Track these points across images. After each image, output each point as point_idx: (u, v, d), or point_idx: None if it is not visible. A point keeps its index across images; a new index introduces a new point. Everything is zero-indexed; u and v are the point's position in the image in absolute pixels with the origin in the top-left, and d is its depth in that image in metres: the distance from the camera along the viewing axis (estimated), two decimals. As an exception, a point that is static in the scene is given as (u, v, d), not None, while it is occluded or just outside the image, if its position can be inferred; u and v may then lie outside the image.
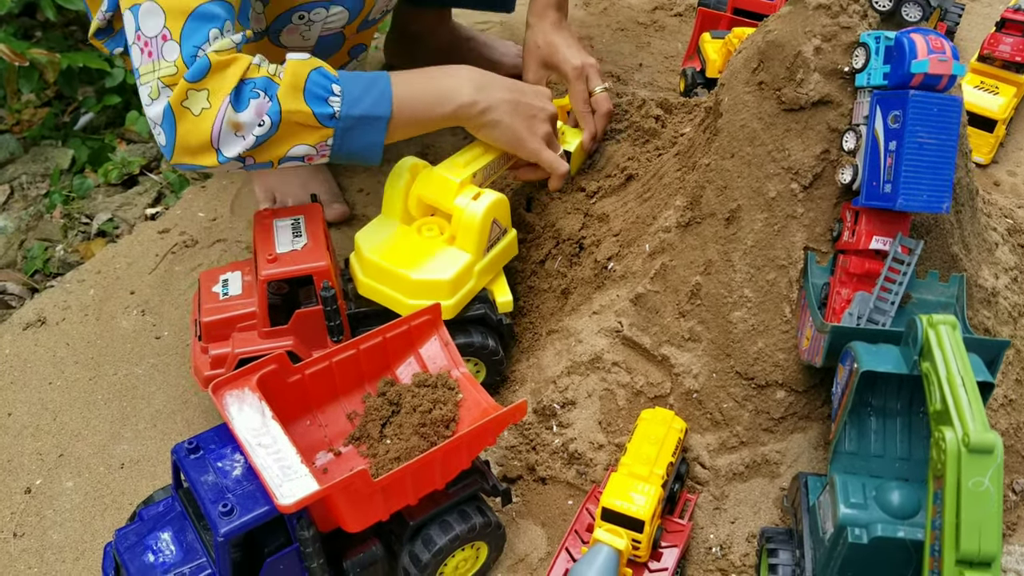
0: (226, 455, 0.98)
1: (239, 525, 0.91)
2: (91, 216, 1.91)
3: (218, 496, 0.93)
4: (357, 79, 1.18)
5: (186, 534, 0.98)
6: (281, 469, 0.92)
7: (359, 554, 1.03)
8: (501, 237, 1.31)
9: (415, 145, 1.82)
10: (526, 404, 1.04)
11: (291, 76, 1.13)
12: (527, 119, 1.30)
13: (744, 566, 1.14)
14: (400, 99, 1.20)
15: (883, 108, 1.03)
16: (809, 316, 1.10)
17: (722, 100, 1.18)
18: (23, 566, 1.19)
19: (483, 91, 1.26)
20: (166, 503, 1.03)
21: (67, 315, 1.52)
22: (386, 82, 1.20)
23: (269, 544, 0.95)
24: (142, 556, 0.96)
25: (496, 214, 1.27)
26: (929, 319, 0.90)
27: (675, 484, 1.14)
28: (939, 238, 1.18)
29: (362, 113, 1.17)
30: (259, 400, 0.99)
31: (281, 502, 0.89)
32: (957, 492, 0.80)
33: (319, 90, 1.14)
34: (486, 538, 1.10)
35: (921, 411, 1.00)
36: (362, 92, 1.17)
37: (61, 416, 1.37)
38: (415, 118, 1.24)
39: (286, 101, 1.12)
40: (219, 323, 1.23)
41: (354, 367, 1.10)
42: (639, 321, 1.25)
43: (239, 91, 1.11)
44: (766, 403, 1.18)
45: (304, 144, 1.16)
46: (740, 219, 1.16)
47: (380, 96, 1.18)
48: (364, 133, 1.19)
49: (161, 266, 1.60)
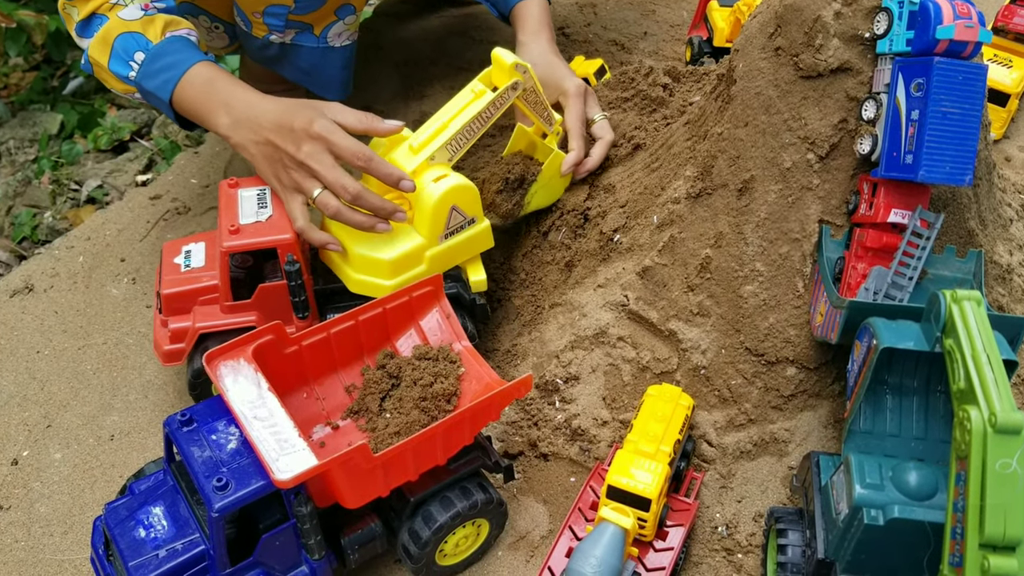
0: (221, 428, 0.94)
1: (234, 501, 0.88)
2: (80, 183, 1.86)
3: (212, 470, 0.90)
4: (166, 56, 1.24)
5: (179, 509, 0.95)
6: (278, 443, 0.89)
7: (357, 531, 1.00)
8: (466, 226, 1.23)
9: (414, 97, 1.78)
10: (531, 378, 1.01)
11: (105, 31, 1.26)
12: (273, 164, 1.19)
13: (750, 546, 1.11)
14: (180, 96, 1.24)
15: (905, 76, 0.99)
16: (823, 291, 1.07)
17: (736, 66, 1.14)
18: (9, 539, 1.16)
19: (236, 129, 1.20)
20: (157, 477, 0.99)
21: (55, 282, 1.48)
22: (181, 72, 1.23)
23: (265, 520, 0.92)
24: (133, 531, 0.93)
25: (457, 200, 1.19)
26: (953, 294, 0.86)
27: (681, 462, 1.11)
28: (956, 212, 1.14)
29: (150, 89, 1.25)
30: (255, 371, 0.96)
31: (278, 477, 0.86)
32: (982, 474, 0.77)
33: (122, 52, 1.26)
34: (488, 515, 1.07)
35: (939, 390, 0.97)
36: (158, 70, 1.24)
37: (49, 386, 1.33)
38: (191, 116, 1.27)
39: (93, 49, 1.28)
40: (179, 296, 1.19)
41: (353, 339, 1.07)
42: (646, 295, 1.21)
43: (89, 20, 1.28)
44: (776, 380, 1.15)
45: (116, 88, 1.30)
46: (753, 190, 1.12)
47: (166, 82, 1.24)
48: (157, 104, 1.28)
49: (152, 233, 1.55)
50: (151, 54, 1.25)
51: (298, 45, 1.40)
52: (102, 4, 1.28)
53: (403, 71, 1.83)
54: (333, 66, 1.48)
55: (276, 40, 1.38)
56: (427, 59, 1.86)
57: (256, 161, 1.21)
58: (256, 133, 1.18)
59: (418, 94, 1.79)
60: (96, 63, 1.29)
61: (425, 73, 1.83)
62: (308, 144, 1.14)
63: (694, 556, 1.11)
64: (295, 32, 1.37)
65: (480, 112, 1.22)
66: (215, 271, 1.20)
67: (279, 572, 0.95)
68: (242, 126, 1.20)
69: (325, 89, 1.52)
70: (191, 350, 1.20)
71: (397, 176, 1.15)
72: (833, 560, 0.93)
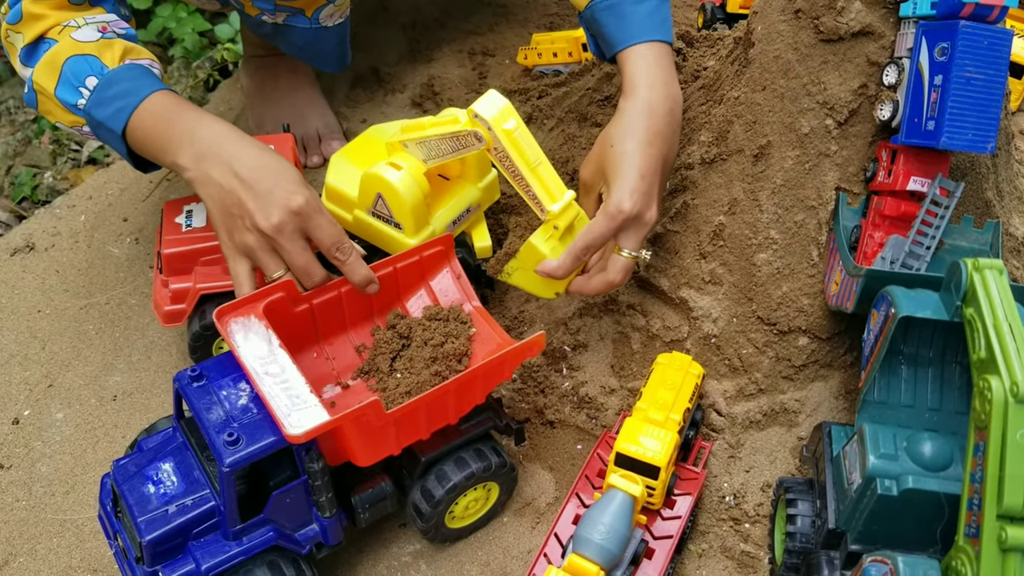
0: (231, 384, 0.93)
1: (245, 456, 0.87)
2: (81, 143, 1.84)
3: (223, 425, 0.89)
4: (122, 82, 1.09)
5: (188, 465, 0.94)
6: (289, 399, 0.88)
7: (368, 490, 0.99)
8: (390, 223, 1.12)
9: (422, 61, 1.75)
10: (544, 337, 0.99)
11: (53, 53, 1.11)
12: (229, 217, 1.02)
13: (758, 516, 1.10)
14: (135, 126, 1.08)
15: (929, 40, 0.97)
16: (838, 260, 1.05)
17: (754, 29, 1.11)
18: (10, 499, 1.15)
19: (199, 161, 1.04)
20: (166, 434, 0.99)
21: (57, 241, 1.46)
22: (139, 99, 1.08)
23: (274, 477, 0.92)
24: (142, 487, 0.92)
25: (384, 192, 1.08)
26: (975, 263, 0.85)
27: (690, 431, 1.10)
28: (974, 182, 1.13)
29: (100, 119, 1.09)
30: (265, 328, 0.95)
31: (290, 432, 0.85)
32: (1002, 444, 0.76)
33: (72, 77, 1.10)
34: (499, 479, 1.06)
35: (955, 360, 0.95)
36: (112, 97, 1.09)
37: (50, 345, 1.32)
38: (147, 150, 1.11)
39: (38, 74, 1.13)
40: (180, 255, 1.17)
41: (363, 298, 1.06)
42: (657, 262, 1.20)
43: (36, 45, 1.14)
44: (787, 350, 1.13)
45: (62, 121, 1.15)
46: (769, 156, 1.10)
47: (120, 111, 1.08)
48: (108, 138, 1.12)
49: (156, 193, 1.53)
50: (105, 79, 1.09)
51: (291, 26, 1.35)
52: (52, 27, 1.13)
53: (410, 34, 1.80)
54: (328, 43, 1.44)
55: (268, 20, 1.34)
56: (435, 21, 1.82)
57: (211, 203, 1.04)
58: (222, 174, 1.02)
59: (426, 58, 1.76)
60: (41, 90, 1.13)
61: (433, 36, 1.80)
62: (280, 216, 0.99)
63: (701, 525, 1.10)
64: (286, 15, 1.32)
65: (441, 135, 1.05)
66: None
67: (289, 529, 0.94)
68: (207, 160, 1.04)
69: (323, 63, 1.49)
70: (192, 311, 1.18)
71: (368, 279, 1.03)
72: (844, 531, 0.92)
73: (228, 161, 1.03)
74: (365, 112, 1.67)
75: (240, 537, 0.92)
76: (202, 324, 1.18)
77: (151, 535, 0.88)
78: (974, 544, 0.78)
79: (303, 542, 0.95)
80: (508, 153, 1.02)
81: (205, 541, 0.91)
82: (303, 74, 1.60)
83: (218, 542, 0.91)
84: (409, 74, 1.74)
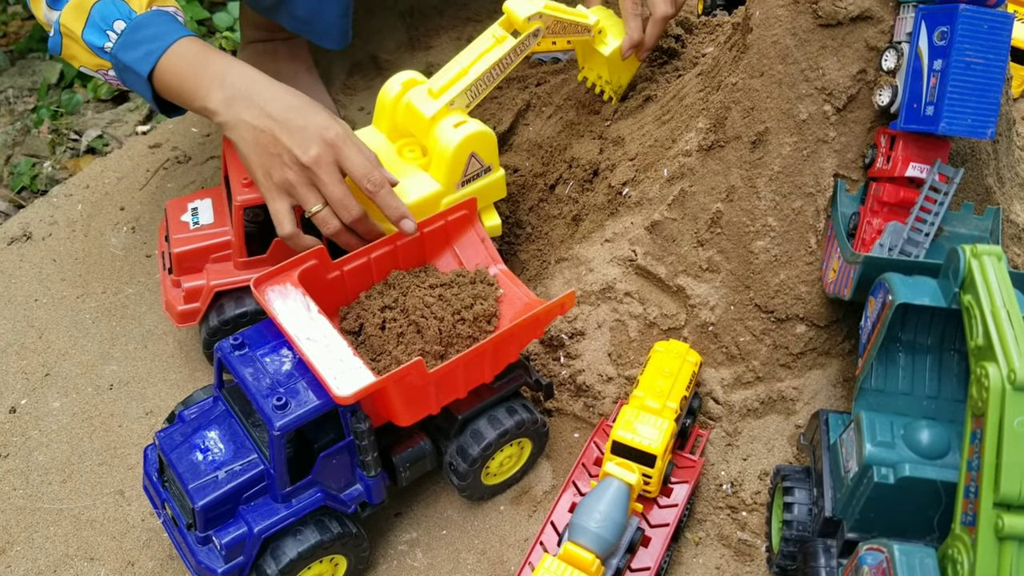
0: (272, 351, 0.96)
1: (294, 419, 0.89)
2: (80, 132, 1.83)
3: (270, 391, 0.91)
4: (151, 27, 1.11)
5: (234, 432, 0.96)
6: (334, 362, 0.90)
7: (407, 449, 1.02)
8: (482, 174, 1.19)
9: (420, 48, 1.74)
10: (574, 295, 1.03)
11: None
12: (266, 156, 1.05)
13: (755, 504, 1.10)
14: (163, 70, 1.10)
15: (929, 24, 0.96)
16: (836, 247, 1.05)
17: (753, 14, 1.10)
18: (7, 487, 1.15)
19: (230, 104, 1.07)
20: (206, 404, 1.00)
21: (54, 230, 1.46)
22: (167, 43, 1.10)
23: (319, 440, 0.94)
24: (190, 455, 0.94)
25: (476, 147, 1.15)
26: (973, 249, 0.84)
27: (687, 419, 1.10)
28: (975, 168, 1.12)
29: (128, 62, 1.11)
30: (303, 295, 0.97)
31: (339, 393, 0.88)
32: (999, 432, 0.75)
33: (100, 20, 1.12)
34: (531, 435, 1.10)
35: (953, 348, 0.95)
36: (141, 40, 1.11)
37: (47, 334, 1.32)
38: (174, 94, 1.12)
39: (66, 16, 1.13)
40: (191, 254, 1.17)
41: (391, 263, 1.08)
42: (654, 250, 1.19)
43: None
44: (785, 337, 1.13)
45: (87, 64, 1.17)
46: (767, 142, 1.09)
47: (148, 54, 1.10)
48: (134, 82, 1.14)
49: (152, 182, 1.53)
50: (134, 23, 1.11)
51: None
52: None
53: (408, 21, 1.79)
54: (331, 13, 1.43)
55: None
56: (434, 8, 1.81)
57: (245, 146, 1.07)
58: (255, 115, 1.05)
59: (424, 45, 1.75)
60: (68, 32, 1.15)
61: (432, 23, 1.79)
62: (318, 148, 1.03)
63: (698, 513, 1.10)
64: None
65: (501, 59, 1.18)
66: (225, 227, 1.18)
67: (335, 490, 0.97)
68: (238, 103, 1.06)
69: (324, 38, 1.48)
70: (206, 309, 1.18)
71: (401, 213, 1.07)
72: (841, 518, 0.92)
73: (260, 103, 1.06)
74: (363, 100, 1.66)
75: (290, 499, 0.94)
76: (220, 319, 1.18)
77: (203, 501, 0.91)
78: (971, 532, 0.78)
79: (348, 502, 0.98)
80: (559, 14, 1.21)
81: (255, 504, 0.94)
82: (302, 60, 1.60)
83: (268, 505, 0.94)
84: (407, 61, 1.73)
